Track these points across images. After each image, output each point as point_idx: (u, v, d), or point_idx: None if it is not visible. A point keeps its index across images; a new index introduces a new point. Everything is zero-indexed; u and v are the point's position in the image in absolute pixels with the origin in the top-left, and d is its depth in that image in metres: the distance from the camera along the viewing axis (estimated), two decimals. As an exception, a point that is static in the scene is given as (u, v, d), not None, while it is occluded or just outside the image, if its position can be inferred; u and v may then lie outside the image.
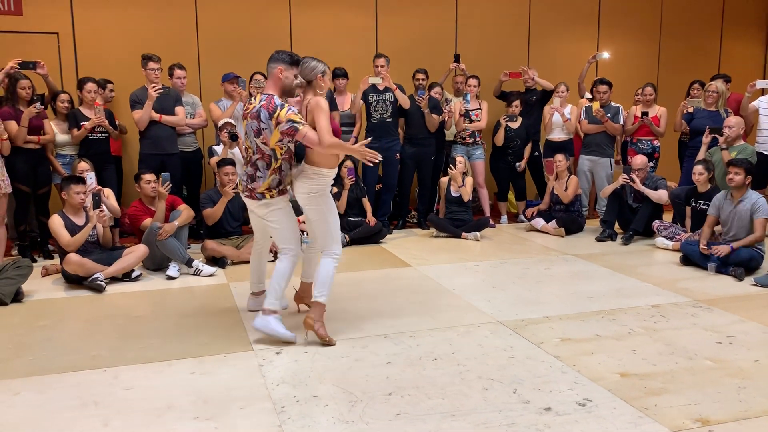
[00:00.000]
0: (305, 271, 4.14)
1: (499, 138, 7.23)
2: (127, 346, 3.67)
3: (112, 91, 6.60)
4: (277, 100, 3.65)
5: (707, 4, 9.26)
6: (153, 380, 3.21)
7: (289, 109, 3.61)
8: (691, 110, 6.69)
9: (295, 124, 3.57)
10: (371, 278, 5.15)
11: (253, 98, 3.81)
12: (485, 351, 3.56)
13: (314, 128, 3.58)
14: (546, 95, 7.44)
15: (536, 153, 7.46)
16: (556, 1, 8.55)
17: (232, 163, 5.66)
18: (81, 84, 5.91)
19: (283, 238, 3.81)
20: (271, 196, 3.75)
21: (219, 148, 6.16)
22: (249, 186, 3.80)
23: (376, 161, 3.68)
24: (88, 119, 5.81)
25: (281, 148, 3.70)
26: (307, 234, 4.33)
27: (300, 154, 3.79)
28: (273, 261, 5.42)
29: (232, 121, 6.16)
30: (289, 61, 3.72)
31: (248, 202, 3.89)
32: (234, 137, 5.93)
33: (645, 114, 6.81)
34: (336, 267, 3.76)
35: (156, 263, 5.32)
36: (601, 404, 2.92)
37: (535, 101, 7.32)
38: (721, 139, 6.01)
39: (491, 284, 4.93)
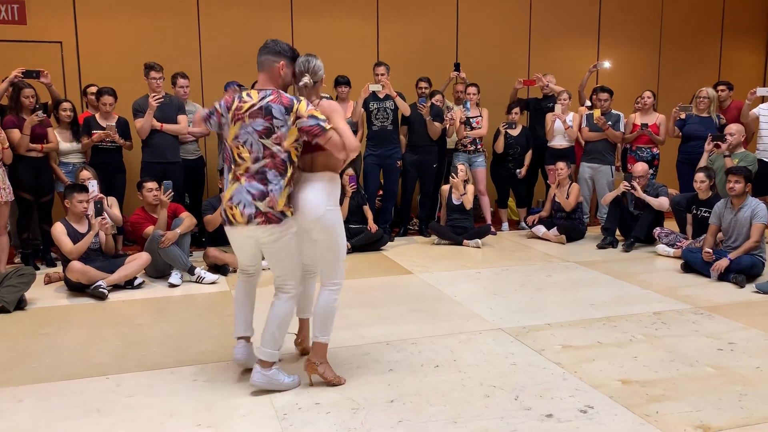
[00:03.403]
0: (301, 306, 3.48)
1: (499, 145, 7.26)
2: (130, 354, 3.68)
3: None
4: (288, 94, 3.08)
5: (707, 11, 9.30)
6: (156, 387, 3.22)
7: (308, 103, 3.06)
8: (683, 116, 6.73)
9: (321, 123, 3.00)
10: (373, 285, 5.16)
11: (240, 97, 3.10)
12: (487, 358, 3.57)
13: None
14: None
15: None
16: (557, 10, 8.59)
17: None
18: (98, 95, 5.97)
19: (289, 271, 3.15)
20: (291, 213, 3.08)
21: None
22: (262, 208, 3.01)
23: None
24: (102, 129, 5.86)
25: (297, 150, 3.09)
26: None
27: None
28: None
29: None
30: (292, 56, 3.17)
31: (259, 230, 3.05)
32: None
33: (645, 125, 6.86)
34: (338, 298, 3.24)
35: (158, 271, 5.33)
36: (602, 411, 2.92)
37: (552, 108, 7.30)
38: (723, 146, 6.03)
39: (493, 291, 4.94)
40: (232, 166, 3.11)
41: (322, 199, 3.10)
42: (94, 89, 6.29)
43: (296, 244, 3.14)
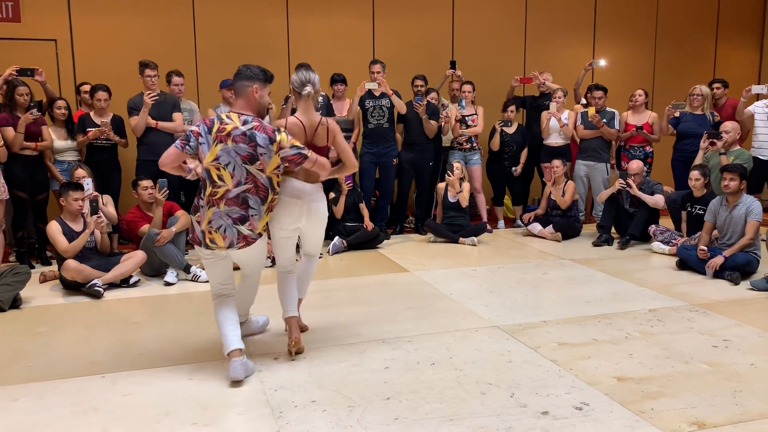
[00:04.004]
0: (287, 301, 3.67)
1: (495, 143, 7.27)
2: (126, 352, 3.68)
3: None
4: (268, 125, 3.25)
5: (702, 10, 9.32)
6: (151, 386, 3.22)
7: (286, 132, 3.26)
8: (677, 114, 6.75)
9: (302, 151, 3.23)
10: (369, 283, 5.16)
11: (220, 118, 3.21)
12: (483, 355, 3.57)
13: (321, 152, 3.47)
14: None
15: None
16: (553, 8, 8.60)
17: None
18: (92, 91, 5.95)
19: (259, 267, 3.63)
20: (263, 232, 3.32)
21: None
22: (243, 232, 3.19)
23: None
24: (97, 126, 5.84)
25: (277, 176, 3.28)
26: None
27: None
28: (271, 266, 5.36)
29: None
30: (264, 79, 3.26)
31: (245, 253, 3.28)
32: None
33: (639, 128, 6.89)
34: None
35: (154, 269, 5.33)
36: (598, 408, 2.93)
37: (548, 106, 7.31)
38: (719, 144, 6.04)
39: (489, 289, 4.95)
40: (209, 188, 3.18)
41: (322, 201, 3.59)
42: (87, 87, 6.28)
43: (264, 246, 3.42)
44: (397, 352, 3.64)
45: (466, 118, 7.17)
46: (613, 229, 6.65)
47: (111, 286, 4.98)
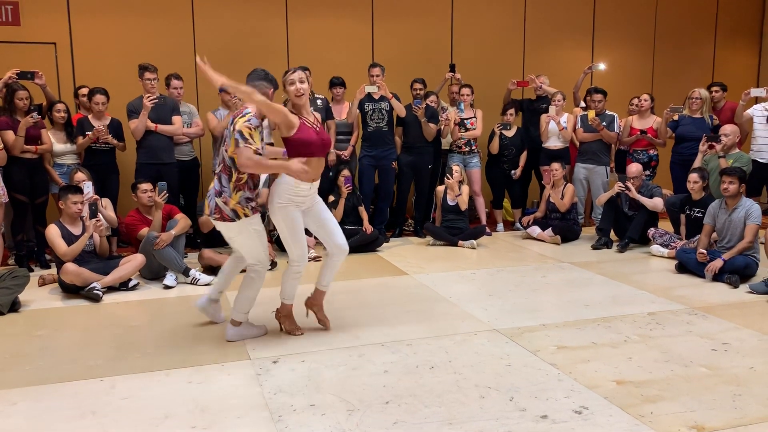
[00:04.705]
0: (322, 278, 4.03)
1: (494, 146, 7.27)
2: (124, 356, 3.67)
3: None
4: (248, 110, 3.55)
5: (701, 13, 9.34)
6: (150, 389, 3.21)
7: (249, 120, 3.49)
8: (675, 118, 6.75)
9: (239, 138, 3.45)
10: (368, 287, 5.16)
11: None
12: (482, 359, 3.57)
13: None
14: None
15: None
16: (552, 11, 8.61)
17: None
18: (90, 94, 5.95)
19: (255, 257, 3.77)
20: (245, 215, 3.62)
21: None
22: (219, 203, 3.61)
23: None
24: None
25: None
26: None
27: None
28: (271, 269, 5.49)
29: None
30: (276, 87, 3.77)
31: (220, 226, 3.68)
32: None
33: (643, 132, 6.90)
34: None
35: (153, 272, 5.32)
36: (597, 412, 2.93)
37: (545, 109, 7.34)
38: (718, 147, 6.05)
39: (488, 292, 4.94)
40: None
41: (274, 192, 3.63)
42: (85, 90, 6.27)
43: (258, 237, 3.71)
44: (396, 355, 3.63)
45: (465, 121, 7.18)
46: (612, 232, 6.65)
47: (110, 289, 4.98)
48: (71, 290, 4.88)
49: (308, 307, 4.08)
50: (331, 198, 6.33)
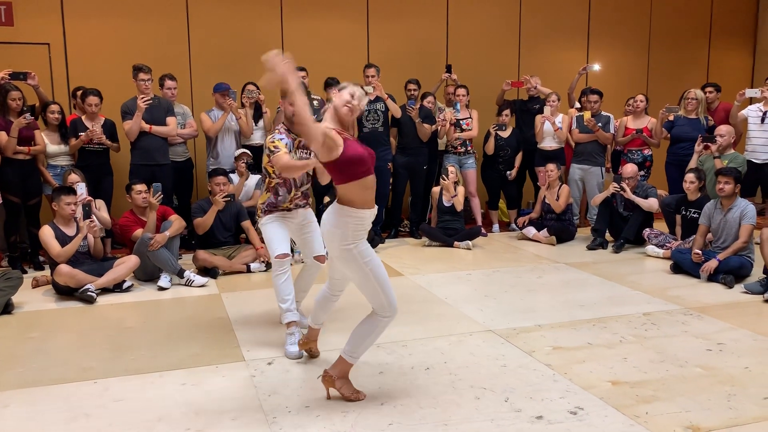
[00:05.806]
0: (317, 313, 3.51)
1: (490, 147, 7.27)
2: (118, 358, 3.66)
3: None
4: (281, 127, 3.87)
5: (695, 14, 9.36)
6: (144, 392, 3.20)
7: (272, 138, 3.76)
8: (671, 118, 6.77)
9: (268, 152, 3.76)
10: (363, 288, 5.14)
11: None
12: (477, 360, 3.56)
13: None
14: None
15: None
16: (547, 12, 8.62)
17: (223, 173, 5.66)
18: (84, 96, 5.93)
19: (270, 248, 3.89)
20: (258, 216, 3.96)
21: (235, 178, 6.17)
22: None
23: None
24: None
25: (272, 167, 3.83)
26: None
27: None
28: (266, 270, 5.52)
29: (248, 152, 6.19)
30: (283, 95, 3.92)
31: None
32: (251, 167, 6.06)
33: (639, 131, 6.91)
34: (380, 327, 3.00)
35: (147, 274, 5.30)
36: (592, 412, 2.93)
37: (538, 110, 7.33)
38: (713, 147, 6.06)
39: (483, 293, 4.94)
40: None
41: (334, 235, 2.90)
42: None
43: (271, 231, 3.83)
44: (391, 356, 3.63)
45: (461, 121, 7.18)
46: (607, 233, 6.66)
47: (104, 291, 4.96)
48: (65, 292, 4.86)
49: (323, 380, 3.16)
50: (327, 199, 6.31)
